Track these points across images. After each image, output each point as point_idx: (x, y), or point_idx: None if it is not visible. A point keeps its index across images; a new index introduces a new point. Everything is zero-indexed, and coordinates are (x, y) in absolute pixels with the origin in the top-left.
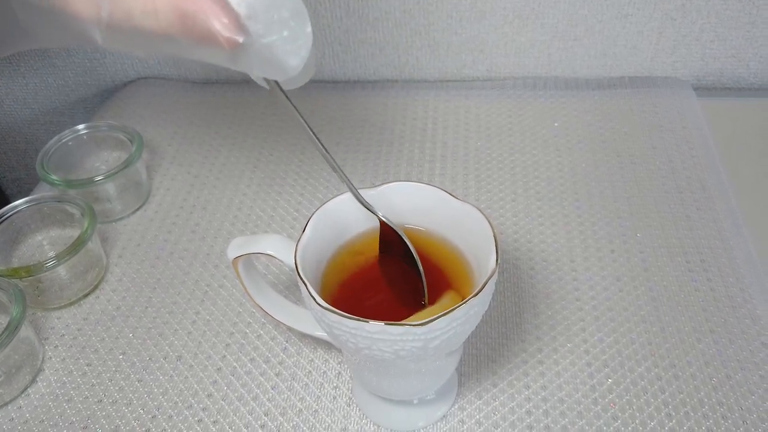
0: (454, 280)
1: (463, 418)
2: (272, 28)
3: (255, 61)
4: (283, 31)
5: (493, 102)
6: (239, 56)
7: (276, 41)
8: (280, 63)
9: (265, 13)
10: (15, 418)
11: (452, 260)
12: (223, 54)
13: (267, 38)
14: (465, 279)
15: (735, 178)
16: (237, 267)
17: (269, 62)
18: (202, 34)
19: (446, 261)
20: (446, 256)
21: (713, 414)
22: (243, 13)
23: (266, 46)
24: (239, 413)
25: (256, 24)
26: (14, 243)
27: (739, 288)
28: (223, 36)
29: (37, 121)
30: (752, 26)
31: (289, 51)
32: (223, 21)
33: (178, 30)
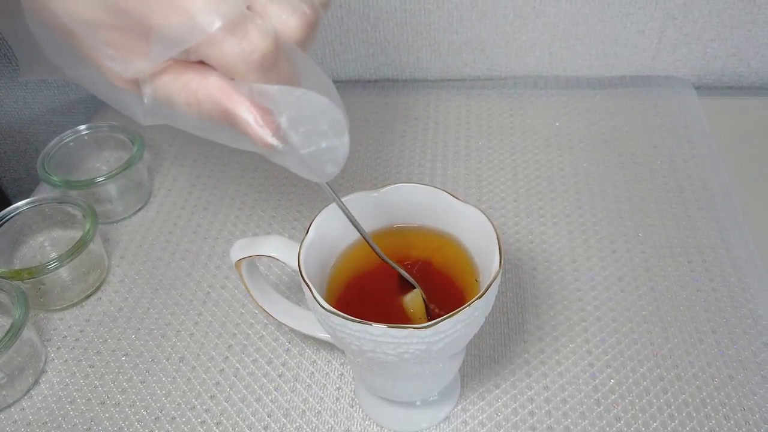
0: (458, 282)
1: (466, 419)
2: (311, 140)
3: (292, 164)
4: (322, 142)
5: (494, 101)
6: (278, 156)
7: (314, 152)
8: (318, 169)
9: (306, 126)
10: (18, 420)
11: (456, 261)
12: (263, 151)
13: (305, 149)
14: (470, 280)
15: (736, 178)
16: (240, 269)
17: (306, 166)
18: (243, 133)
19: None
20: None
21: (715, 414)
22: (284, 125)
23: (305, 156)
24: (242, 414)
25: (295, 136)
26: (16, 244)
27: (741, 288)
28: (262, 141)
29: (37, 121)
30: (753, 25)
31: (326, 160)
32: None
33: (218, 122)
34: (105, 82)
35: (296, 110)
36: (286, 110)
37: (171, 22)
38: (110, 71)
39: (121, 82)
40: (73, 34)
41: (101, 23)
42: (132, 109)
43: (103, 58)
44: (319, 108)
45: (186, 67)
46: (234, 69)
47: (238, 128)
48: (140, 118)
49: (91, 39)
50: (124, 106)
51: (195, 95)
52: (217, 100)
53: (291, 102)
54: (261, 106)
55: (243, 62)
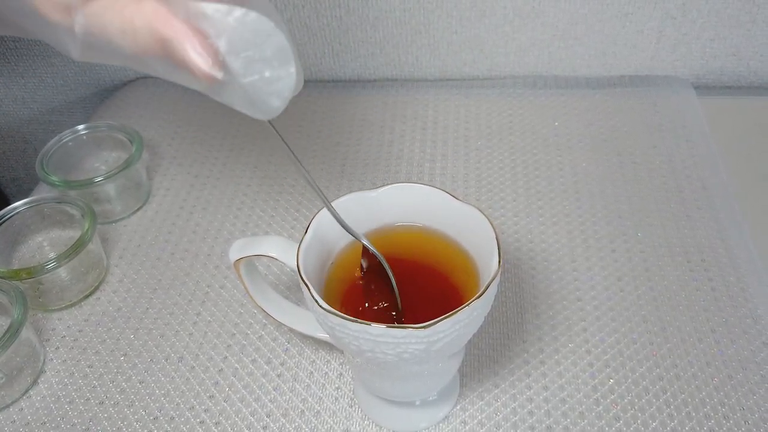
0: (457, 282)
1: (465, 418)
2: (253, 68)
3: (235, 98)
4: (265, 71)
5: (493, 101)
6: (218, 90)
7: (257, 81)
8: (262, 103)
9: (246, 50)
10: (16, 420)
11: (455, 261)
12: (202, 84)
13: (247, 78)
14: (469, 279)
15: (735, 177)
16: (239, 269)
17: (250, 101)
18: (180, 63)
19: (449, 262)
20: (449, 257)
21: (715, 414)
22: (222, 49)
23: (246, 85)
24: (241, 414)
25: (235, 61)
26: (14, 244)
27: (740, 287)
28: (200, 70)
29: (35, 120)
30: (752, 25)
31: (271, 92)
32: (200, 53)
33: (156, 53)
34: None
35: (236, 33)
36: (224, 32)
37: None
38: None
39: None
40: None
41: None
42: (64, 44)
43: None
44: (263, 31)
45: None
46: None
47: (175, 58)
48: (73, 52)
49: None
50: (56, 41)
51: (130, 22)
52: (153, 27)
53: (230, 23)
54: (199, 31)
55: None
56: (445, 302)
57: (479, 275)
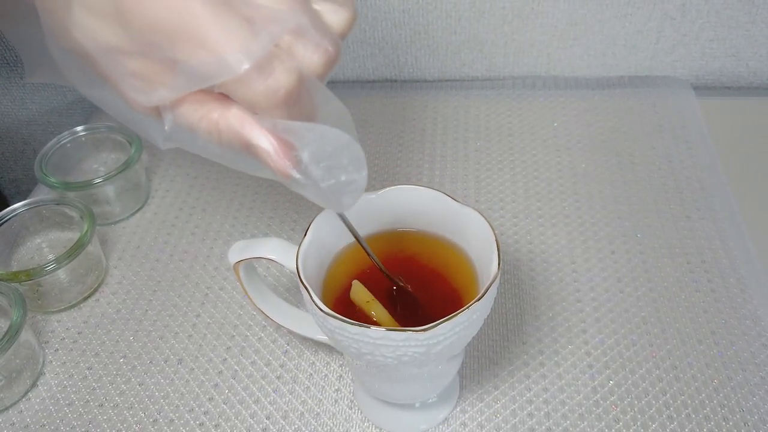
0: (456, 284)
1: (465, 420)
2: (331, 174)
3: (310, 193)
4: (341, 176)
5: (492, 102)
6: (295, 186)
7: (334, 185)
8: (335, 201)
9: (326, 161)
10: (16, 423)
11: (454, 264)
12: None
13: (325, 183)
14: (468, 283)
15: (734, 178)
16: (238, 271)
17: (325, 198)
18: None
19: (448, 265)
20: (448, 260)
21: (714, 416)
22: (305, 160)
23: (324, 189)
24: (241, 416)
25: (316, 170)
26: (13, 246)
27: (739, 289)
28: (282, 172)
29: (34, 121)
30: (752, 25)
31: (344, 191)
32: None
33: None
34: (124, 106)
35: (318, 146)
36: (308, 146)
37: (199, 58)
38: (131, 98)
39: (141, 107)
40: (96, 61)
41: (125, 52)
42: (151, 133)
43: (125, 87)
44: (341, 144)
45: (207, 97)
46: (258, 105)
47: (258, 159)
48: (159, 142)
49: (114, 67)
50: (142, 129)
51: (216, 125)
52: (237, 132)
53: (313, 138)
54: (283, 140)
55: (268, 99)
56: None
57: (479, 277)
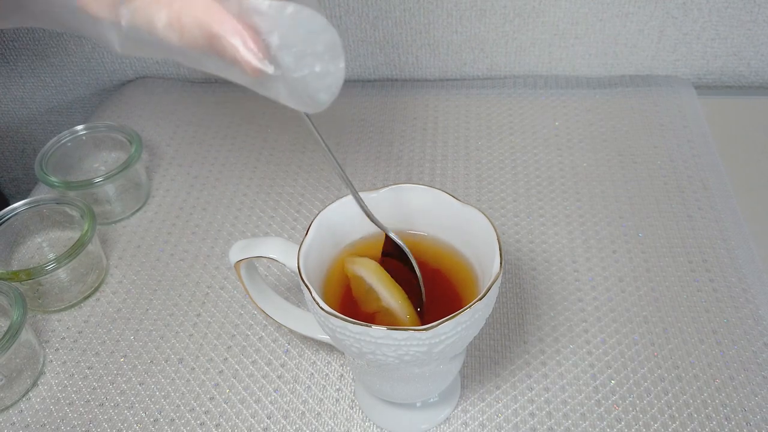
0: (457, 284)
1: (466, 420)
2: (304, 62)
3: (282, 91)
4: (316, 65)
5: (493, 101)
6: (266, 84)
7: (307, 76)
8: (309, 98)
9: (299, 45)
10: (16, 422)
11: (455, 264)
12: (249, 79)
13: (298, 73)
14: (469, 282)
15: (736, 177)
16: (239, 270)
17: (298, 95)
18: (229, 59)
19: (450, 265)
20: (449, 260)
21: (716, 415)
22: (274, 44)
23: (296, 80)
24: (242, 416)
25: (287, 56)
26: (14, 245)
27: (741, 288)
28: (250, 65)
29: (34, 120)
30: (753, 24)
31: (319, 86)
32: (251, 48)
33: (202, 48)
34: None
35: (289, 28)
36: (277, 28)
37: None
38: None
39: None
40: None
41: None
42: (106, 37)
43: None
44: (315, 27)
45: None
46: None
47: (224, 54)
48: (115, 45)
49: None
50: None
51: (178, 17)
52: (202, 22)
53: (283, 19)
54: (250, 26)
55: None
56: (447, 304)
57: (480, 277)
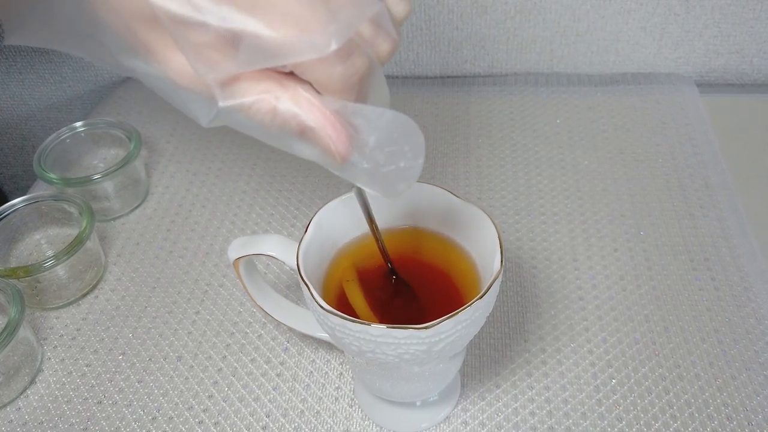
0: (459, 281)
1: (466, 419)
2: (392, 160)
3: (363, 178)
4: (401, 162)
5: (494, 98)
6: (348, 170)
7: (392, 171)
8: (389, 186)
9: (391, 146)
10: (14, 420)
11: (458, 261)
12: (333, 163)
13: (385, 168)
14: (471, 280)
15: (738, 175)
16: (238, 268)
17: (377, 183)
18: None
19: (452, 262)
20: (452, 257)
21: (718, 415)
22: (371, 145)
23: (382, 174)
24: (240, 414)
25: (379, 155)
26: (12, 242)
27: (743, 287)
28: (342, 155)
29: (33, 117)
30: (756, 22)
31: (399, 178)
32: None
33: (293, 134)
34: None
35: (387, 131)
36: (377, 130)
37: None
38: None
39: (186, 80)
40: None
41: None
42: (192, 110)
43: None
44: (407, 130)
45: (266, 75)
46: (331, 87)
47: (313, 142)
48: (202, 120)
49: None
50: (181, 105)
51: (272, 105)
52: (296, 113)
53: (382, 122)
54: (347, 123)
55: (343, 82)
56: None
57: (481, 275)
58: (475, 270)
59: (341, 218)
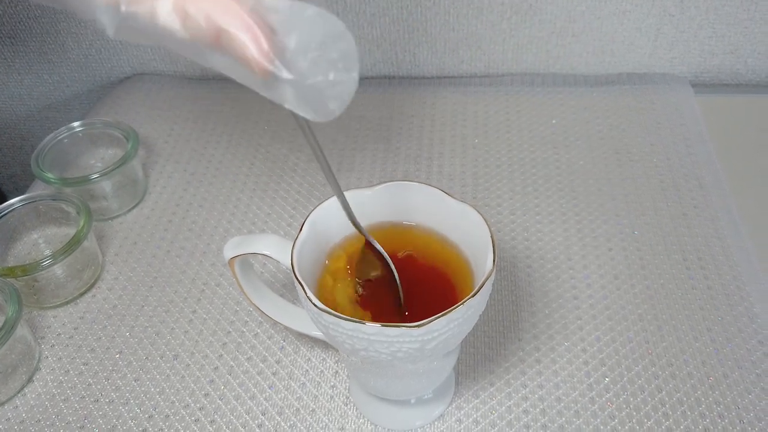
0: (454, 280)
1: (461, 417)
2: (318, 69)
3: (290, 96)
4: (330, 73)
5: (490, 99)
6: (273, 87)
7: (320, 83)
8: (319, 105)
9: (315, 51)
10: (11, 418)
11: (452, 259)
12: (255, 79)
13: (311, 79)
14: (465, 278)
15: (732, 175)
16: (233, 267)
17: (306, 101)
18: (236, 55)
19: (446, 260)
20: (446, 255)
21: (710, 413)
22: (291, 47)
23: (308, 86)
24: (236, 413)
25: (302, 61)
26: (10, 242)
27: (736, 286)
28: (261, 66)
29: (32, 117)
30: (750, 23)
31: (330, 95)
32: (263, 48)
33: (207, 42)
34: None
35: (308, 31)
36: (295, 29)
37: None
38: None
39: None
40: None
41: None
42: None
43: None
44: (333, 32)
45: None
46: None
47: (231, 50)
48: (108, 28)
49: None
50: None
51: (182, 5)
52: (209, 13)
53: (303, 21)
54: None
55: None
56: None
57: (474, 274)
58: (469, 269)
59: (336, 217)
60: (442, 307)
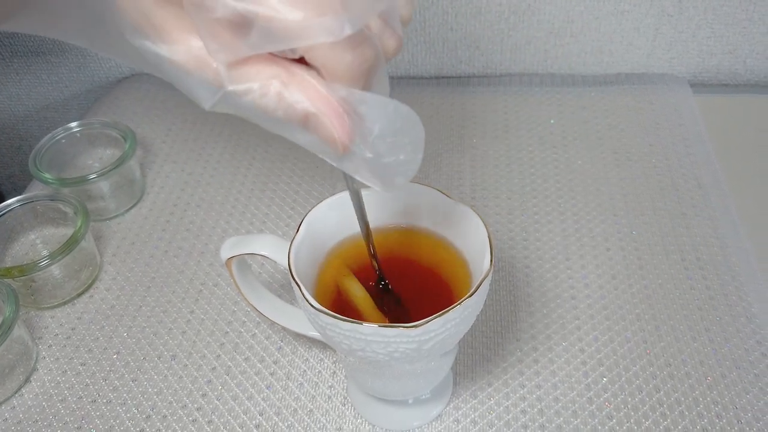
0: (451, 280)
1: (458, 417)
2: (393, 151)
3: (361, 170)
4: (401, 155)
5: (488, 99)
6: (349, 161)
7: (392, 163)
8: (387, 180)
9: (393, 137)
10: (8, 419)
11: (450, 260)
12: (333, 154)
13: (386, 159)
14: (463, 279)
15: (731, 175)
16: (230, 267)
17: (377, 175)
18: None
19: (444, 260)
20: (443, 256)
21: (708, 413)
22: (375, 133)
23: (381, 164)
24: (234, 413)
25: (381, 145)
26: (7, 242)
27: (734, 286)
28: (343, 143)
29: (30, 117)
30: (749, 23)
31: (398, 171)
32: (348, 131)
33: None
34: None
35: (390, 120)
36: (381, 119)
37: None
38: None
39: (194, 62)
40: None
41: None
42: (196, 93)
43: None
44: (409, 121)
45: (271, 60)
46: (340, 74)
47: (315, 130)
48: (205, 103)
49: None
50: (185, 87)
51: (277, 90)
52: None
53: (386, 112)
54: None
55: (352, 70)
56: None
57: (472, 274)
58: (467, 269)
59: (333, 218)
60: (439, 308)
